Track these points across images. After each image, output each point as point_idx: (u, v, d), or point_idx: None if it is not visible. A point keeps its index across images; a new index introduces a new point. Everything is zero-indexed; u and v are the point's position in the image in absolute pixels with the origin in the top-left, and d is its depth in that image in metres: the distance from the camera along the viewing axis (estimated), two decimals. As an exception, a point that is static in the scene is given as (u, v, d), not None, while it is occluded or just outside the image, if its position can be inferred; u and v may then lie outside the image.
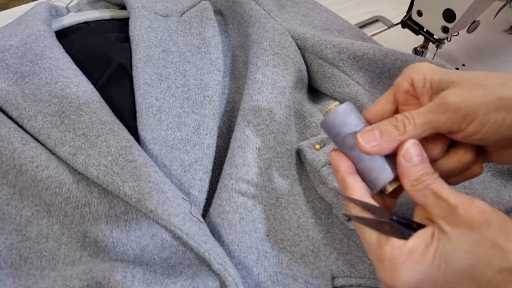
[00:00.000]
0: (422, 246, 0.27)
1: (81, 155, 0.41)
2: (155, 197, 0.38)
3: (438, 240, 0.27)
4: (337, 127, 0.33)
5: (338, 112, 0.33)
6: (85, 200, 0.41)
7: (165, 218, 0.38)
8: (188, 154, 0.44)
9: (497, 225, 0.26)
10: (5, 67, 0.49)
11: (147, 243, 0.40)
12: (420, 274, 0.27)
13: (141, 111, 0.47)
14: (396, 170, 0.31)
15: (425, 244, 0.27)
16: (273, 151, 0.45)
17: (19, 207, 0.43)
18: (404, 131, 0.30)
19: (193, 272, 0.38)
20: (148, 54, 0.52)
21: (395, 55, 0.54)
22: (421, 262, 0.27)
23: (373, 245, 0.29)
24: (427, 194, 0.29)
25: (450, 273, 0.26)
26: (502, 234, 0.26)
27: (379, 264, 0.29)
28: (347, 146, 0.33)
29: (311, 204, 0.45)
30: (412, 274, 0.27)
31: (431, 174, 0.30)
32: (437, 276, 0.26)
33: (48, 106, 0.45)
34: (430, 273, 0.27)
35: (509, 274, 0.25)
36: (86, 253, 0.41)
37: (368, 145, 0.30)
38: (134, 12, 0.58)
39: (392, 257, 0.27)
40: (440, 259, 0.27)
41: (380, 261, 0.29)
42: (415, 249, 0.27)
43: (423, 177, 0.30)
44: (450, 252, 0.26)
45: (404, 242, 0.28)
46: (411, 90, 0.32)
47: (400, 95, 0.33)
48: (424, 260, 0.27)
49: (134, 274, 0.36)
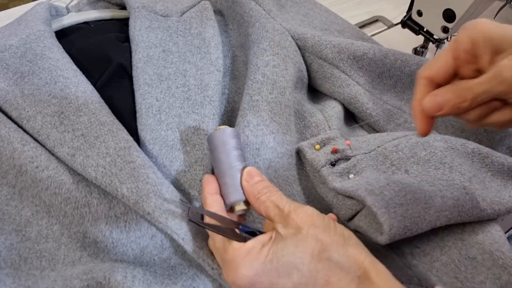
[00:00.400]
0: (259, 246, 0.32)
1: (80, 156, 0.41)
2: (153, 199, 0.38)
3: (273, 241, 0.32)
4: (219, 142, 0.39)
5: (225, 131, 0.39)
6: (84, 200, 0.41)
7: (162, 221, 0.38)
8: (188, 154, 0.44)
9: (322, 225, 0.32)
10: (4, 66, 0.49)
11: (146, 243, 0.40)
12: (257, 268, 0.31)
13: (141, 111, 0.47)
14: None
15: (262, 244, 0.32)
16: (273, 151, 0.45)
17: (19, 208, 0.43)
18: (465, 100, 0.31)
19: (194, 273, 0.38)
20: (148, 54, 0.52)
21: (395, 55, 0.54)
22: (257, 259, 0.31)
23: (220, 249, 0.34)
24: (268, 205, 0.34)
25: (280, 266, 0.31)
26: (325, 232, 0.32)
27: (224, 266, 0.33)
28: (218, 161, 0.38)
29: (311, 204, 0.45)
30: (250, 269, 0.31)
31: (271, 188, 0.35)
32: (270, 269, 0.31)
33: (48, 107, 0.45)
34: (264, 267, 0.31)
35: (327, 261, 0.31)
36: (85, 253, 0.41)
37: (432, 111, 0.32)
38: (134, 12, 0.58)
39: (233, 257, 0.32)
40: (273, 255, 0.31)
41: (224, 263, 0.33)
42: (253, 248, 0.32)
43: (265, 190, 0.35)
44: (281, 249, 0.31)
45: (243, 244, 0.32)
46: (471, 49, 0.32)
47: (460, 53, 0.33)
48: (259, 257, 0.31)
49: (134, 274, 0.36)
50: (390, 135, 0.48)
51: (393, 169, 0.44)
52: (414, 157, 0.45)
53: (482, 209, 0.41)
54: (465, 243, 0.42)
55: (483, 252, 0.41)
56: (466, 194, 0.41)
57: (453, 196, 0.41)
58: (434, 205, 0.39)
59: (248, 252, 0.32)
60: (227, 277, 0.32)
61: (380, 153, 0.46)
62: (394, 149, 0.45)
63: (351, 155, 0.45)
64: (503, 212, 0.42)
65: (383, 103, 0.55)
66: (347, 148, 0.46)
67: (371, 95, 0.55)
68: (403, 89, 0.56)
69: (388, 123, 0.54)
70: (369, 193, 0.39)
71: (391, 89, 0.57)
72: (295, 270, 0.31)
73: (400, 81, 0.56)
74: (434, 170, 0.44)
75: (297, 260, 0.31)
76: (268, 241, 0.32)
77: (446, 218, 0.40)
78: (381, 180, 0.41)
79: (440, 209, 0.39)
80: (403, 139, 0.47)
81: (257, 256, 0.31)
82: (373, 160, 0.45)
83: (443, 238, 0.43)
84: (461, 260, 0.41)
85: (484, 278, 0.39)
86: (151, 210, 0.38)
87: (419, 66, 0.54)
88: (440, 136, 0.47)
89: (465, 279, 0.39)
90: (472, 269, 0.40)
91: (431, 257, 0.41)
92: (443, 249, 0.42)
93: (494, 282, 0.39)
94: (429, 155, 0.45)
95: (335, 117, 0.53)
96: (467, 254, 0.41)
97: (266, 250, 0.32)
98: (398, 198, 0.39)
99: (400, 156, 0.45)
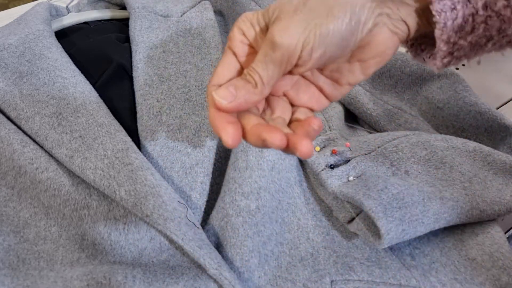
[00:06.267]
0: None
1: (78, 158, 0.41)
2: (151, 201, 0.38)
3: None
4: None
5: None
6: (84, 202, 0.41)
7: (160, 223, 0.38)
8: (189, 156, 0.44)
9: None
10: (3, 66, 0.49)
11: (145, 246, 0.40)
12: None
13: (142, 112, 0.47)
14: None
15: None
16: (276, 153, 0.45)
17: (17, 209, 0.43)
18: (256, 83, 0.29)
19: (195, 274, 0.38)
20: (149, 55, 0.52)
21: (395, 55, 0.54)
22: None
23: None
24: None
25: None
26: None
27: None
28: None
29: (311, 206, 0.45)
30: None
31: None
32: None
33: (46, 107, 0.45)
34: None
35: None
36: (84, 255, 0.41)
37: (226, 101, 0.29)
38: (134, 12, 0.58)
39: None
40: None
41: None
42: None
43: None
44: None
45: None
46: (245, 39, 0.32)
47: (237, 46, 0.32)
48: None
49: (134, 274, 0.37)
50: (390, 135, 0.48)
51: (393, 169, 0.44)
52: (415, 157, 0.45)
53: (482, 210, 0.41)
54: (464, 244, 0.42)
55: (483, 253, 0.41)
56: (466, 195, 0.41)
57: (453, 197, 0.41)
58: (433, 208, 0.39)
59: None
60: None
61: (380, 153, 0.46)
62: (394, 149, 0.45)
63: (351, 156, 0.45)
64: (503, 212, 0.42)
65: (383, 103, 0.55)
66: (347, 149, 0.46)
67: (371, 95, 0.55)
68: (404, 89, 0.56)
69: (389, 123, 0.54)
70: (367, 198, 0.39)
71: (391, 89, 0.57)
72: None
73: (401, 81, 0.56)
74: (434, 170, 0.44)
75: None
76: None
77: (445, 220, 0.40)
78: (379, 183, 0.41)
79: (438, 212, 0.39)
80: (403, 139, 0.47)
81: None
82: (373, 161, 0.45)
83: (442, 239, 0.43)
84: (461, 261, 0.41)
85: (483, 279, 0.39)
86: (149, 212, 0.38)
87: (419, 66, 0.54)
88: (441, 136, 0.47)
89: (465, 280, 0.39)
90: (472, 270, 0.40)
91: (431, 258, 0.41)
92: (443, 250, 0.42)
93: (493, 283, 0.39)
94: (429, 154, 0.45)
95: (335, 117, 0.53)
96: (467, 255, 0.41)
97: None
98: (396, 201, 0.39)
99: (400, 156, 0.45)
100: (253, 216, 0.41)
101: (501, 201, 0.42)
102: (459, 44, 0.29)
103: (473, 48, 0.30)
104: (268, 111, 0.33)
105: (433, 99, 0.53)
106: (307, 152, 0.27)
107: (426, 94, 0.54)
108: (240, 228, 0.40)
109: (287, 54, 0.28)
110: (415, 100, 0.56)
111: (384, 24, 0.30)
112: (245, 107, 0.30)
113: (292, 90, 0.34)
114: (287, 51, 0.28)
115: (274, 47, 0.28)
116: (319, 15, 0.28)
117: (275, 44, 0.28)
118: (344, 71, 0.33)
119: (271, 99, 0.33)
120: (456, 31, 0.29)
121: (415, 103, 0.55)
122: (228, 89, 0.29)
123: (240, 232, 0.40)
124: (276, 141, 0.27)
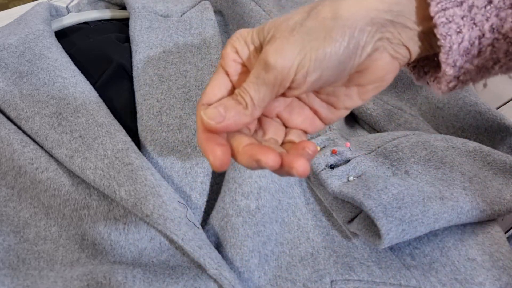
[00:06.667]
0: None
1: (78, 158, 0.41)
2: (151, 201, 0.38)
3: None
4: None
5: None
6: (84, 202, 0.41)
7: (161, 223, 0.38)
8: (189, 156, 0.44)
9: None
10: (3, 66, 0.49)
11: (145, 246, 0.40)
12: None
13: (142, 112, 0.47)
14: None
15: None
16: None
17: (17, 209, 0.43)
18: (246, 105, 0.28)
19: (195, 274, 0.38)
20: (149, 55, 0.52)
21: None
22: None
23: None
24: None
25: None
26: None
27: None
28: None
29: (311, 206, 0.45)
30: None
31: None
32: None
33: (46, 107, 0.45)
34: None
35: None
36: (83, 255, 0.41)
37: (214, 122, 0.28)
38: (134, 12, 0.58)
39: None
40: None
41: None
42: None
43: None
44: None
45: None
46: (238, 58, 0.30)
47: (230, 65, 0.30)
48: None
49: (134, 274, 0.37)
50: (390, 135, 0.48)
51: (393, 169, 0.44)
52: (415, 156, 0.45)
53: (482, 210, 0.41)
54: (464, 244, 0.42)
55: (483, 253, 0.41)
56: (466, 195, 0.41)
57: (453, 197, 0.41)
58: (433, 208, 0.39)
59: None
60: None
61: (380, 153, 0.46)
62: (394, 149, 0.45)
63: (351, 157, 0.45)
64: (504, 212, 0.42)
65: (383, 103, 0.55)
66: (347, 149, 0.46)
67: (371, 95, 0.55)
68: (404, 89, 0.56)
69: (389, 123, 0.54)
70: (367, 198, 0.39)
71: (391, 89, 0.57)
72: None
73: (401, 81, 0.56)
74: (434, 170, 0.44)
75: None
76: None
77: (445, 220, 0.40)
78: (379, 183, 0.41)
79: (438, 212, 0.39)
80: (403, 139, 0.47)
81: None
82: (373, 161, 0.45)
83: (442, 239, 0.43)
84: (461, 261, 0.41)
85: (483, 279, 0.39)
86: (149, 212, 0.38)
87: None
88: (441, 136, 0.47)
89: (465, 280, 0.39)
90: (472, 270, 0.40)
91: (431, 258, 0.41)
92: (443, 250, 0.42)
93: (493, 284, 0.39)
94: (429, 154, 0.45)
95: (335, 117, 0.53)
96: (467, 255, 0.41)
97: None
98: (396, 201, 0.39)
99: (400, 156, 0.45)
100: (253, 216, 0.41)
101: (501, 201, 0.42)
102: (465, 68, 0.28)
103: (480, 71, 0.29)
104: (260, 132, 0.32)
105: (433, 99, 0.53)
106: (303, 171, 0.27)
107: (426, 94, 0.54)
108: (240, 228, 0.40)
109: (281, 77, 0.27)
110: (415, 100, 0.56)
111: (384, 49, 0.29)
112: (234, 129, 0.28)
113: (285, 111, 0.33)
114: (281, 74, 0.27)
115: (267, 69, 0.27)
116: (316, 37, 0.27)
117: (269, 66, 0.27)
118: (341, 95, 0.31)
119: (264, 120, 0.32)
120: (462, 54, 0.27)
121: (415, 103, 0.55)
122: (217, 109, 0.28)
123: (240, 232, 0.40)
124: (270, 161, 0.26)
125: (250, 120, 0.28)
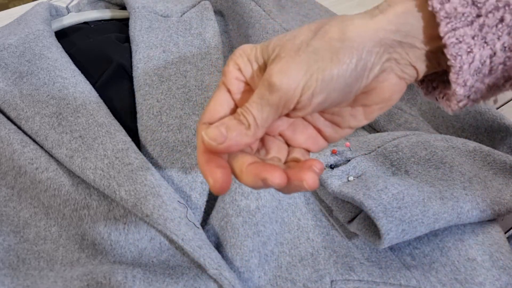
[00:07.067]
0: None
1: (78, 158, 0.41)
2: (151, 201, 0.38)
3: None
4: None
5: None
6: (84, 202, 0.41)
7: (161, 222, 0.38)
8: (189, 156, 0.44)
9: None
10: (3, 66, 0.49)
11: (145, 246, 0.40)
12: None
13: (142, 112, 0.47)
14: None
15: None
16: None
17: (17, 209, 0.43)
18: (249, 125, 0.27)
19: (195, 274, 0.38)
20: (149, 55, 0.52)
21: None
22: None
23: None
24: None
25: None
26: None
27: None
28: None
29: (311, 206, 0.45)
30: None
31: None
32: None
33: (46, 107, 0.45)
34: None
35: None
36: (83, 255, 0.41)
37: (215, 143, 0.27)
38: (134, 12, 0.58)
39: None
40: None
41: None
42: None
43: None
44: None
45: None
46: (241, 76, 0.30)
47: (232, 83, 0.30)
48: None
49: (134, 274, 0.37)
50: (390, 135, 0.48)
51: (393, 169, 0.45)
52: (415, 156, 0.45)
53: (482, 210, 0.41)
54: (464, 244, 0.42)
55: (483, 253, 0.41)
56: (466, 195, 0.41)
57: (453, 197, 0.41)
58: (433, 208, 0.39)
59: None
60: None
61: (380, 153, 0.46)
62: (394, 149, 0.45)
63: (351, 156, 0.45)
64: (504, 212, 0.42)
65: (383, 103, 0.55)
66: (347, 149, 0.46)
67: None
68: (404, 89, 0.56)
69: (389, 123, 0.54)
70: (367, 198, 0.39)
71: (391, 89, 0.57)
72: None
73: (401, 81, 0.55)
74: (434, 170, 0.44)
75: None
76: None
77: (445, 220, 0.40)
78: (379, 183, 0.41)
79: (438, 212, 0.39)
80: (403, 139, 0.47)
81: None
82: (373, 161, 0.45)
83: (442, 239, 0.43)
84: (461, 261, 0.41)
85: (483, 279, 0.39)
86: (149, 212, 0.38)
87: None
88: (441, 136, 0.47)
89: (465, 280, 0.39)
90: (472, 270, 0.40)
91: (431, 258, 0.41)
92: (443, 250, 0.42)
93: (493, 284, 0.39)
94: (429, 154, 0.45)
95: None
96: (467, 255, 0.41)
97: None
98: (396, 201, 0.39)
99: (400, 156, 0.45)
100: (253, 216, 0.41)
101: (501, 201, 0.42)
102: (476, 87, 0.28)
103: (491, 89, 0.28)
104: (263, 151, 0.31)
105: (433, 99, 0.53)
106: (313, 183, 0.26)
107: (426, 94, 0.54)
108: (240, 228, 0.40)
109: (285, 98, 0.26)
110: (415, 100, 0.56)
111: (391, 70, 0.28)
112: (236, 149, 0.28)
113: (288, 130, 0.32)
114: (285, 95, 0.26)
115: (272, 89, 0.26)
116: (323, 58, 0.26)
117: (273, 86, 0.26)
118: (346, 114, 0.31)
119: (266, 138, 0.32)
120: (472, 74, 0.27)
121: (415, 103, 0.55)
122: (218, 129, 0.27)
123: (240, 232, 0.40)
124: (276, 179, 0.25)
125: (252, 140, 0.28)
